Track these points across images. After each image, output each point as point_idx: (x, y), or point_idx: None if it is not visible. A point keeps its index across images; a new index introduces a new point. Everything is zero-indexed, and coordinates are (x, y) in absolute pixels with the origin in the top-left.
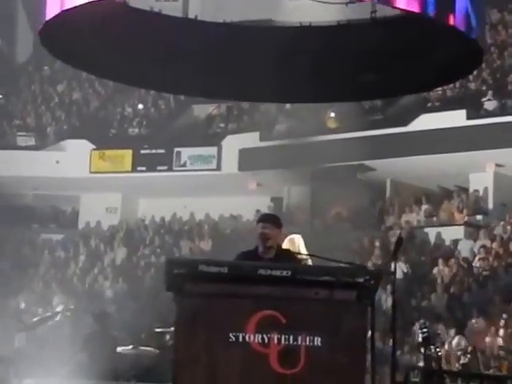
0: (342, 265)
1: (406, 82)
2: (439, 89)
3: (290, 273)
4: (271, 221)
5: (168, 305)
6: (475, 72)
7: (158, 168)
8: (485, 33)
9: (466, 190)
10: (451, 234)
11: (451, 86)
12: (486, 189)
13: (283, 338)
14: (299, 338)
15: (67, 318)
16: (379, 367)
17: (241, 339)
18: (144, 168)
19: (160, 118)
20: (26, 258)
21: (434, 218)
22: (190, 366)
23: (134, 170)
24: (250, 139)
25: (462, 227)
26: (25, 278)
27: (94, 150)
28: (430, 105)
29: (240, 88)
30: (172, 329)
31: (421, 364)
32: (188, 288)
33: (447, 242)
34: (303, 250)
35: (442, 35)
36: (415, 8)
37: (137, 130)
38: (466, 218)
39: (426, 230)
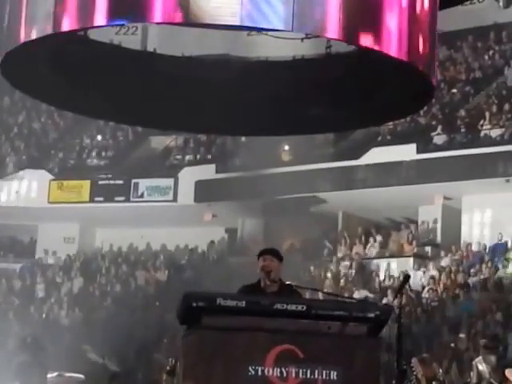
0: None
1: (358, 115)
2: (390, 123)
3: (304, 307)
4: (272, 253)
5: (120, 334)
6: (425, 107)
7: (116, 199)
8: (436, 69)
9: (415, 222)
10: (401, 265)
11: (402, 120)
12: (434, 221)
13: (301, 371)
14: (316, 372)
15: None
16: None
17: (260, 373)
18: (102, 198)
19: (118, 149)
20: None
21: (385, 250)
22: None
23: (91, 200)
24: (206, 171)
25: (411, 258)
26: None
27: (52, 180)
28: (380, 138)
29: (196, 120)
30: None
31: None
32: (206, 321)
33: (396, 273)
34: None
35: (394, 71)
36: (369, 44)
37: (95, 161)
38: (415, 250)
39: (376, 261)
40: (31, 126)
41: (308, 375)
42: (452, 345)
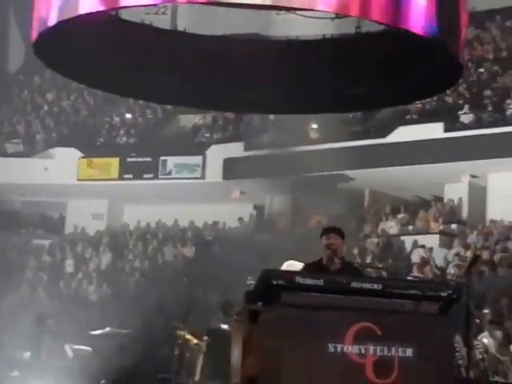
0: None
1: (388, 95)
2: (417, 102)
3: (380, 286)
4: (335, 231)
5: (148, 309)
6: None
7: (144, 176)
8: (464, 49)
9: (441, 199)
10: (426, 242)
11: (429, 99)
12: (460, 199)
13: (378, 349)
14: (393, 349)
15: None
16: None
17: (339, 350)
18: (131, 176)
19: (147, 127)
20: (12, 262)
21: (411, 227)
22: (291, 374)
23: (120, 177)
24: (235, 149)
25: (437, 236)
26: (11, 282)
27: (81, 157)
28: (408, 117)
29: (225, 99)
30: (108, 329)
31: None
32: (285, 299)
33: (422, 250)
34: None
35: (423, 50)
36: (399, 23)
37: (124, 139)
38: (441, 227)
39: (403, 238)
40: (61, 104)
41: (385, 352)
42: (477, 321)
